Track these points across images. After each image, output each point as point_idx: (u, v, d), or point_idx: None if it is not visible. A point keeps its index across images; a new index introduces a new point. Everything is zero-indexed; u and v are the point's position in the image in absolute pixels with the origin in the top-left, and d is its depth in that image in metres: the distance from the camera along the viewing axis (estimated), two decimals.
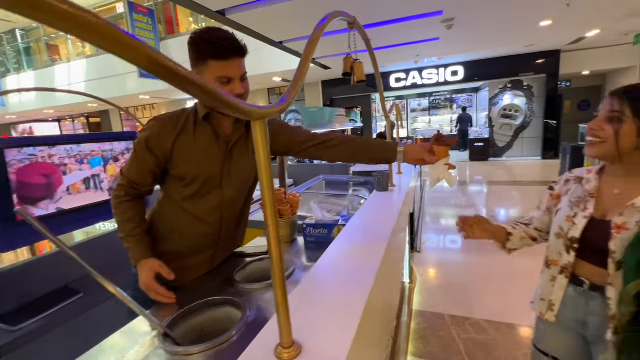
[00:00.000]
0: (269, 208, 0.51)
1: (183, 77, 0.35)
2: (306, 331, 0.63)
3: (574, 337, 0.97)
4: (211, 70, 0.90)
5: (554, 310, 0.98)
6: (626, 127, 0.82)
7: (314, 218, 1.39)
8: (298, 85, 0.59)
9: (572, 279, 0.94)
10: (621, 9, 4.69)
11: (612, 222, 0.84)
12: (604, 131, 0.85)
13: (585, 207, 0.91)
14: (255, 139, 0.49)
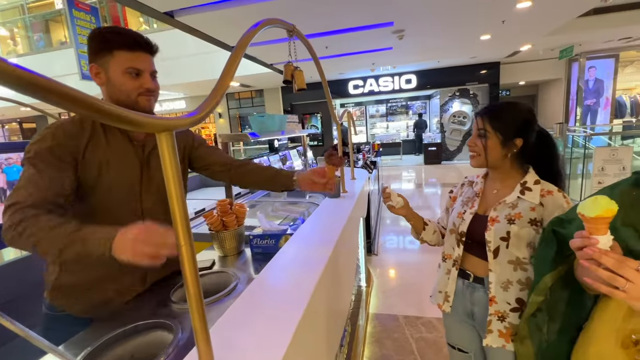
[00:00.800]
0: (180, 226, 0.47)
1: (57, 91, 0.30)
2: (234, 353, 0.59)
3: (468, 328, 1.09)
4: (118, 62, 0.83)
5: (450, 301, 1.08)
6: (490, 141, 0.97)
7: (260, 228, 1.35)
8: (217, 96, 0.56)
9: (460, 273, 1.06)
10: (545, 28, 5.27)
11: (488, 217, 0.99)
12: (477, 146, 1.01)
13: (473, 205, 1.06)
14: (161, 153, 0.45)
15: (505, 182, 1.03)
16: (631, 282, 0.52)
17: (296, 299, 0.78)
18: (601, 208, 0.54)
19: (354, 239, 1.76)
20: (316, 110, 10.20)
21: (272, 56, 5.74)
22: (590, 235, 0.56)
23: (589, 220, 0.56)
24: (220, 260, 1.32)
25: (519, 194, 0.96)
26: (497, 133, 0.97)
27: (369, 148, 6.18)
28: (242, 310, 0.76)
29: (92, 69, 0.86)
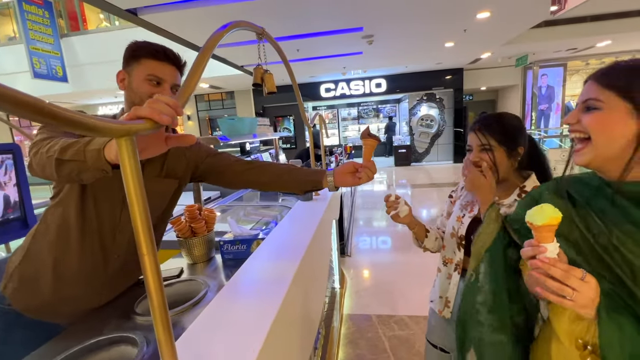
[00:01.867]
0: (142, 235, 0.45)
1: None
2: (208, 356, 0.58)
3: None
4: (142, 68, 0.86)
5: (450, 306, 1.07)
6: (498, 154, 0.94)
7: (231, 234, 1.32)
8: (182, 98, 0.55)
9: (462, 274, 1.05)
10: (502, 38, 5.63)
11: None
12: (483, 161, 0.95)
13: (472, 209, 1.05)
14: (121, 159, 0.43)
15: (504, 185, 1.01)
16: (577, 292, 0.54)
17: (267, 305, 0.77)
18: (547, 216, 0.56)
19: (326, 241, 1.78)
20: (289, 113, 10.17)
21: (243, 58, 5.66)
22: (539, 243, 0.58)
23: (536, 229, 0.57)
24: (189, 268, 1.28)
25: (516, 197, 0.97)
26: (501, 145, 0.95)
27: (342, 150, 6.25)
28: (211, 320, 0.74)
29: (119, 75, 0.89)
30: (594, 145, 0.60)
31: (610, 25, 6.15)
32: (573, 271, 0.56)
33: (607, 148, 0.58)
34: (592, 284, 0.55)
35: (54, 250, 0.90)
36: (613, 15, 6.02)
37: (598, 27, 6.18)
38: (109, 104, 10.26)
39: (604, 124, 0.58)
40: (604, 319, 0.55)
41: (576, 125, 0.62)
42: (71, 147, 0.63)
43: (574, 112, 0.64)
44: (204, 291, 1.02)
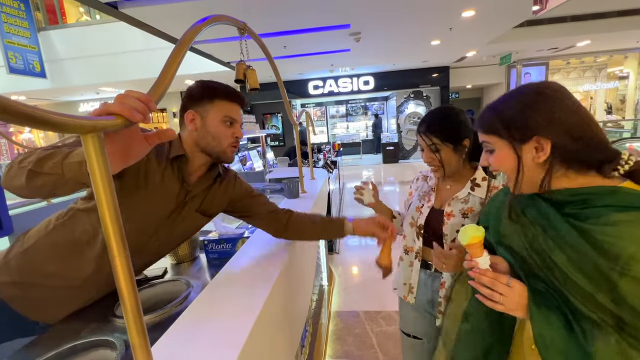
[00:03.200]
0: (113, 235, 0.44)
1: None
2: (190, 355, 0.56)
3: (427, 317, 1.15)
4: (218, 109, 0.89)
5: (414, 292, 1.13)
6: (444, 153, 1.02)
7: (216, 233, 1.30)
8: (158, 94, 0.53)
9: (422, 264, 1.12)
10: (487, 36, 5.73)
11: (444, 211, 1.05)
12: (435, 160, 1.04)
13: (429, 199, 1.12)
14: (88, 157, 0.41)
15: (457, 177, 1.09)
16: (505, 296, 0.62)
17: (250, 303, 0.76)
18: (469, 237, 0.66)
19: None
20: (277, 110, 10.10)
21: (229, 54, 5.57)
22: (471, 258, 0.67)
23: (465, 247, 0.68)
24: (173, 268, 1.25)
25: (470, 190, 1.04)
26: (446, 143, 1.01)
27: (330, 148, 6.25)
28: (192, 321, 0.72)
29: (188, 115, 0.90)
30: (509, 177, 0.69)
31: (589, 26, 6.33)
32: (499, 278, 0.63)
33: (516, 175, 0.65)
34: (516, 289, 0.62)
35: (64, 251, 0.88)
36: (592, 15, 6.20)
37: (577, 27, 6.36)
38: (91, 101, 9.95)
39: (500, 162, 0.67)
40: (534, 314, 0.60)
41: (490, 166, 0.71)
42: (49, 159, 0.60)
43: (483, 155, 0.72)
44: (187, 292, 1.00)
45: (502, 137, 0.65)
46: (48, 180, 0.59)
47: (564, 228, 0.60)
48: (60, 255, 0.88)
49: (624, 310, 0.52)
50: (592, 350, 0.54)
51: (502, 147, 0.66)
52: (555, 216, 0.62)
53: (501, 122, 0.65)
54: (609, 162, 0.60)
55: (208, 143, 0.90)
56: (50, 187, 0.60)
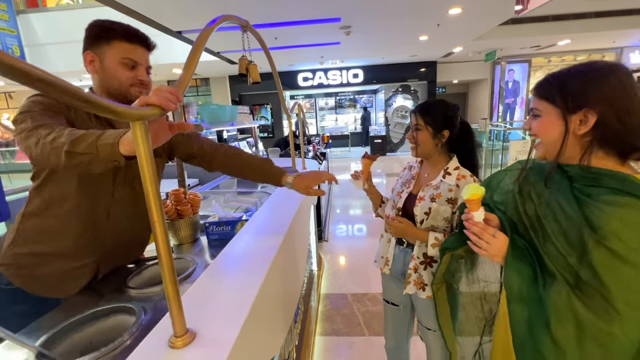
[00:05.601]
0: (154, 207, 0.54)
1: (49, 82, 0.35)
2: (201, 321, 0.66)
3: (401, 286, 1.29)
4: (116, 51, 0.87)
5: (389, 264, 1.30)
6: (422, 134, 1.18)
7: (216, 216, 1.40)
8: (182, 89, 0.62)
9: (397, 241, 1.28)
10: (473, 33, 5.89)
11: (417, 195, 1.21)
12: (414, 138, 1.21)
13: (409, 185, 1.28)
14: (135, 140, 0.51)
15: (434, 167, 1.23)
16: (489, 244, 0.76)
17: (251, 280, 0.84)
18: (470, 192, 0.76)
19: (305, 225, 1.88)
20: (266, 102, 10.07)
21: (219, 44, 5.55)
22: (469, 212, 0.79)
23: (465, 202, 0.78)
24: (176, 248, 1.34)
25: (442, 177, 1.18)
26: (428, 127, 1.16)
27: (319, 140, 6.34)
28: (200, 293, 0.81)
29: (86, 56, 0.88)
30: (542, 143, 0.75)
31: (569, 26, 6.59)
32: (487, 230, 0.77)
33: (550, 144, 0.73)
34: (500, 240, 0.76)
35: (47, 228, 0.94)
36: (572, 16, 6.45)
37: (558, 27, 6.61)
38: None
39: (543, 128, 0.74)
40: (508, 263, 0.74)
41: (530, 130, 0.78)
42: (82, 140, 0.67)
43: (528, 120, 0.79)
44: (193, 267, 1.10)
45: (554, 104, 0.70)
46: (85, 159, 0.67)
47: (568, 197, 0.69)
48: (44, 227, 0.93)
49: (587, 272, 0.63)
50: (546, 295, 0.67)
51: (550, 114, 0.71)
52: (567, 187, 0.71)
53: (560, 90, 0.69)
54: (636, 151, 0.66)
55: (111, 85, 0.89)
56: (87, 164, 0.68)
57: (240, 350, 0.62)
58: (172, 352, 0.58)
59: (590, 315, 0.61)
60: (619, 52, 8.76)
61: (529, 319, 0.69)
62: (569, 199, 0.69)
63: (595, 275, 0.61)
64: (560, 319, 0.64)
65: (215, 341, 0.60)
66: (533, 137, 0.78)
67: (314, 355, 1.90)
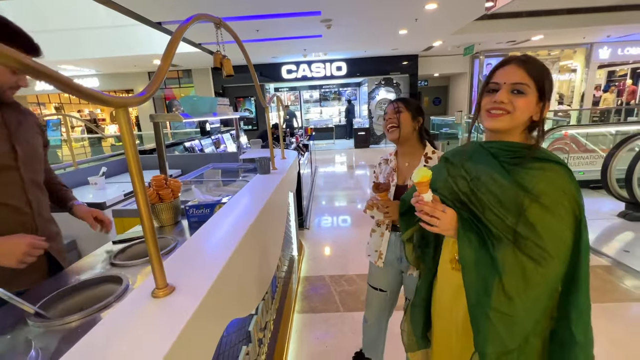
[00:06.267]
0: (136, 176, 0.65)
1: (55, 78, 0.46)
2: (180, 278, 0.79)
3: (393, 271, 1.42)
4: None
5: (382, 257, 1.39)
6: (404, 115, 1.29)
7: (196, 200, 1.51)
8: (158, 82, 0.73)
9: (392, 228, 1.36)
10: (450, 28, 6.07)
11: (407, 185, 1.29)
12: (394, 119, 1.30)
13: (393, 178, 1.34)
14: (120, 127, 0.62)
15: (412, 155, 1.33)
16: (440, 220, 0.83)
17: (225, 246, 0.96)
18: (420, 175, 0.82)
19: (282, 206, 2.01)
20: (250, 94, 10.05)
21: (200, 35, 5.53)
22: (419, 194, 0.85)
23: (416, 184, 0.84)
24: (157, 230, 1.44)
25: (425, 162, 1.29)
26: (408, 110, 1.29)
27: (302, 132, 6.43)
28: (181, 257, 0.93)
29: None
30: (512, 118, 0.80)
31: (542, 22, 6.87)
32: (437, 206, 0.85)
33: (520, 121, 0.81)
34: (449, 214, 0.85)
35: None
36: (544, 12, 6.73)
37: (532, 23, 6.88)
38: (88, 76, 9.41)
39: (527, 106, 0.79)
40: (460, 235, 0.84)
41: (507, 104, 0.79)
42: None
43: (505, 93, 0.79)
44: (174, 244, 1.21)
45: (537, 87, 0.78)
46: None
47: (498, 169, 0.81)
48: None
49: (524, 228, 0.75)
50: (496, 255, 0.78)
51: (532, 94, 0.78)
52: (494, 161, 0.83)
53: (549, 79, 0.79)
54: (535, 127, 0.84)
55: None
56: None
57: (213, 299, 0.75)
58: (154, 300, 0.70)
59: (530, 262, 0.74)
60: (589, 48, 9.18)
61: (483, 279, 0.80)
62: (499, 170, 0.81)
63: (532, 228, 0.74)
64: (509, 271, 0.75)
65: (191, 291, 0.73)
66: (501, 110, 0.80)
67: (292, 331, 2.05)
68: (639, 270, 2.46)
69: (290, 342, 1.95)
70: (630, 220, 3.41)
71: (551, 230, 0.75)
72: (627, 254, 2.77)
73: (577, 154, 4.63)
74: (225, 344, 1.21)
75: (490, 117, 0.82)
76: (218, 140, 5.72)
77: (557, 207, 0.74)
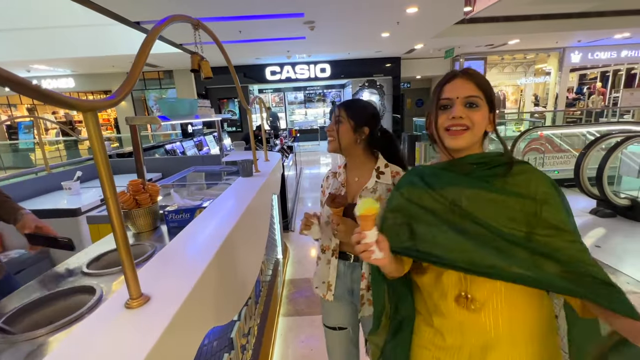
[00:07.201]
0: (107, 183, 0.62)
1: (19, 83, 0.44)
2: (155, 288, 0.76)
3: (348, 305, 1.19)
4: None
5: (332, 289, 1.16)
6: (343, 126, 1.11)
7: (176, 205, 1.47)
8: (130, 84, 0.70)
9: (340, 256, 1.15)
10: (431, 31, 6.21)
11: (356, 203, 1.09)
12: (333, 131, 1.13)
13: (341, 195, 1.14)
14: (87, 131, 0.59)
15: (362, 169, 1.15)
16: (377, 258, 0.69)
17: (204, 253, 0.94)
18: (364, 208, 0.66)
19: (265, 210, 1.99)
20: (233, 95, 9.93)
21: (181, 36, 5.42)
22: (361, 230, 0.68)
23: (358, 218, 0.67)
24: (135, 236, 1.40)
25: (376, 178, 1.11)
26: (349, 120, 1.11)
27: (287, 134, 6.41)
28: (157, 265, 0.90)
29: None
30: (473, 133, 0.76)
31: (517, 26, 7.13)
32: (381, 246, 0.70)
33: (479, 135, 0.77)
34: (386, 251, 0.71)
35: None
36: (520, 17, 6.97)
37: (508, 27, 7.13)
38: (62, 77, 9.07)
39: (483, 119, 0.76)
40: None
41: (464, 119, 0.75)
42: None
43: (460, 108, 0.75)
44: (152, 250, 1.17)
45: (486, 100, 0.76)
46: None
47: (484, 186, 0.74)
48: None
49: (541, 229, 0.69)
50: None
51: (484, 106, 0.76)
52: (474, 180, 0.75)
53: (492, 90, 0.79)
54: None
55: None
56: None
57: (190, 309, 0.73)
58: (128, 311, 0.68)
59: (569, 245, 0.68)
60: (562, 52, 9.58)
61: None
62: (484, 186, 0.74)
63: (552, 226, 0.69)
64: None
65: (167, 301, 0.70)
66: (461, 126, 0.75)
67: (277, 334, 2.03)
68: (610, 265, 2.57)
69: (275, 346, 1.93)
70: (602, 217, 3.57)
71: (568, 222, 0.72)
72: (599, 249, 2.90)
73: (552, 153, 4.82)
74: (206, 352, 1.18)
75: (452, 136, 0.77)
76: (201, 143, 5.62)
77: (563, 201, 0.73)
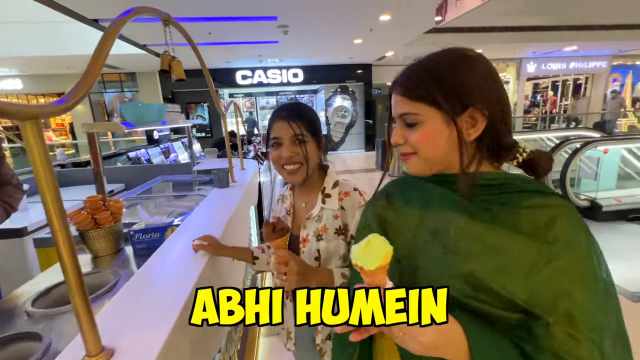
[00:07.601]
0: (54, 213, 0.48)
1: None
2: (120, 337, 0.61)
3: (313, 353, 0.95)
4: None
5: (292, 337, 0.97)
6: (310, 145, 0.85)
7: (143, 223, 1.30)
8: (86, 86, 0.57)
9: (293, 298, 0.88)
10: (403, 39, 6.37)
11: (300, 237, 0.86)
12: (298, 155, 0.84)
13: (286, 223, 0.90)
14: (26, 142, 0.45)
15: (311, 192, 0.92)
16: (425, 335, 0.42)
17: (180, 286, 0.79)
18: (379, 256, 0.41)
19: (245, 224, 1.85)
20: (202, 100, 9.55)
21: (145, 36, 5.11)
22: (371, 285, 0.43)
23: (368, 274, 0.42)
24: (93, 262, 1.21)
25: (322, 203, 0.88)
26: (313, 137, 0.87)
27: (260, 140, 6.24)
28: (122, 303, 0.75)
29: None
30: (421, 157, 0.55)
31: (481, 37, 7.52)
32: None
33: (434, 156, 0.55)
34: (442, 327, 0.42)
35: None
36: (483, 29, 7.36)
37: (472, 38, 7.49)
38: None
39: (428, 138, 0.53)
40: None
41: (405, 145, 0.56)
42: None
43: (398, 131, 0.57)
44: (115, 280, 1.00)
45: (437, 107, 0.51)
46: None
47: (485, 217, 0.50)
48: None
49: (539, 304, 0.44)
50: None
51: (433, 119, 0.52)
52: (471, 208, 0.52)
53: (439, 86, 0.51)
54: (508, 150, 0.54)
55: None
56: None
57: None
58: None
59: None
60: (518, 62, 10.25)
61: None
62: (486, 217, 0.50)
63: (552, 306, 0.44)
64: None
65: (135, 357, 0.56)
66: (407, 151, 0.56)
67: (258, 357, 1.88)
68: None
69: None
70: None
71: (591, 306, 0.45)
72: None
73: None
74: None
75: (404, 161, 0.59)
76: (167, 149, 5.30)
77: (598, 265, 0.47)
